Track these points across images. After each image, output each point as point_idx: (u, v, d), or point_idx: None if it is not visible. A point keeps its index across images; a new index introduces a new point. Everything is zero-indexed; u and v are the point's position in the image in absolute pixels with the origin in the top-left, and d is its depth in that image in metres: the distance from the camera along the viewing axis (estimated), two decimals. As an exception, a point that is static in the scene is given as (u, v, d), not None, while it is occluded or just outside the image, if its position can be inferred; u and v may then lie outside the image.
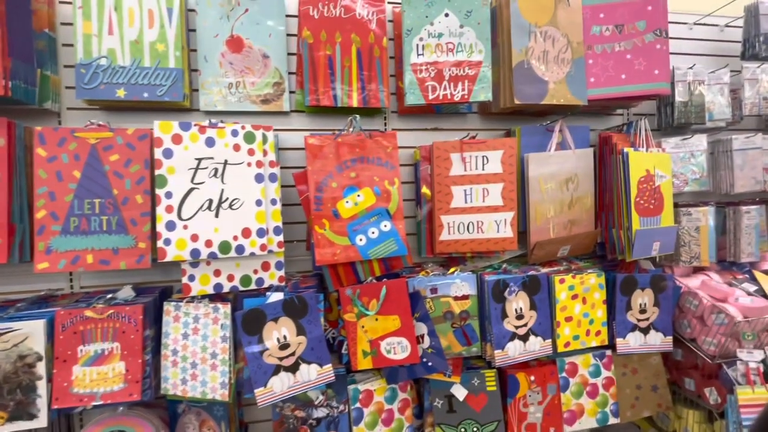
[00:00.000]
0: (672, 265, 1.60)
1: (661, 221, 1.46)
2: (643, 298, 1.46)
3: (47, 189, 1.09)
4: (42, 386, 1.08)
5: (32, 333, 1.08)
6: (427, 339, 1.29)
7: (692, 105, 1.52)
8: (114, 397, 1.11)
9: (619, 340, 1.45)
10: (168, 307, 1.18)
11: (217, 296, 1.22)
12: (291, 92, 1.40)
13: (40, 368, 1.08)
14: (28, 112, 1.21)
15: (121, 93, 1.19)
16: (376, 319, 1.25)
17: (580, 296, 1.42)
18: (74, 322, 1.10)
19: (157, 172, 1.08)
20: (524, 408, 1.41)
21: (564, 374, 1.45)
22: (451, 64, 1.32)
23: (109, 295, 1.19)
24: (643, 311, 1.46)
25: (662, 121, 1.60)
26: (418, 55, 1.32)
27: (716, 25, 1.76)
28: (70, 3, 1.25)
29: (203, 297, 1.19)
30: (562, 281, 1.40)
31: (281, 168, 1.40)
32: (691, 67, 1.52)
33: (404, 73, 1.32)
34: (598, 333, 1.44)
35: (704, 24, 1.74)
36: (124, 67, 1.19)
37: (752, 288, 1.51)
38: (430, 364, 1.29)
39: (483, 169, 1.35)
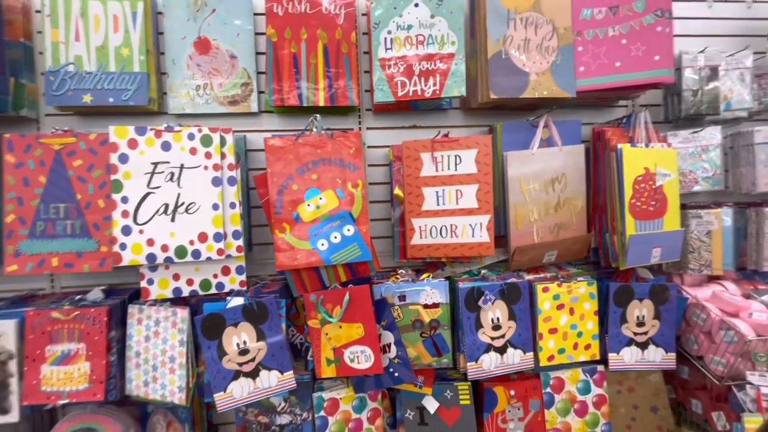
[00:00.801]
0: (681, 273, 1.44)
1: (663, 225, 1.31)
2: (641, 309, 1.32)
3: (15, 194, 1.13)
4: (14, 383, 1.13)
5: (4, 332, 1.13)
6: (393, 348, 1.23)
7: (703, 93, 1.35)
8: (79, 397, 1.14)
9: (611, 355, 1.32)
10: (132, 309, 1.19)
11: (181, 300, 1.23)
12: (260, 92, 1.37)
13: (12, 366, 1.13)
14: (7, 119, 1.25)
15: (87, 98, 1.20)
16: (340, 327, 1.21)
17: (567, 306, 1.30)
18: (42, 323, 1.14)
19: (112, 177, 1.09)
20: (503, 424, 1.32)
21: (549, 390, 1.34)
22: (421, 57, 1.24)
23: (78, 297, 1.22)
24: (640, 324, 1.32)
25: (669, 113, 1.43)
26: (387, 49, 1.25)
27: (743, 1, 1.55)
28: (44, 12, 1.29)
29: (165, 301, 1.19)
30: (545, 290, 1.29)
31: (251, 170, 1.38)
32: (702, 51, 1.35)
33: (373, 69, 1.26)
34: (587, 347, 1.32)
35: (727, 1, 1.54)
36: (90, 73, 1.21)
37: (774, 301, 1.33)
38: (396, 374, 1.23)
39: (456, 170, 1.27)
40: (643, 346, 1.33)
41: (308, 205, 1.20)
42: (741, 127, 1.44)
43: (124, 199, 1.10)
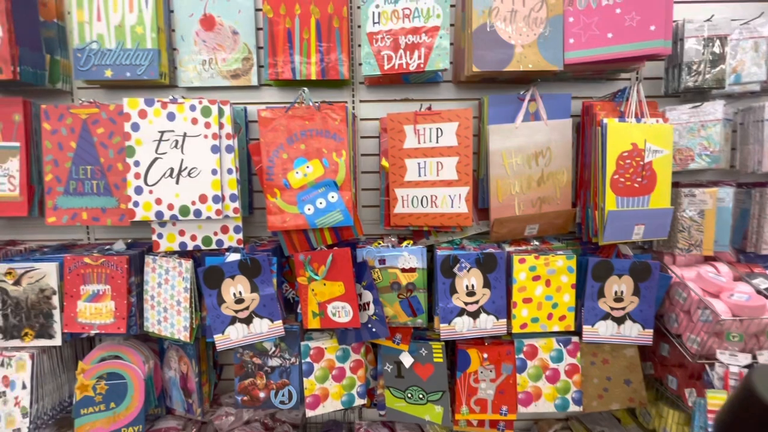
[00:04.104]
0: (672, 252, 1.41)
1: (650, 202, 1.30)
2: (619, 285, 1.33)
3: (52, 157, 1.32)
4: (57, 314, 1.37)
5: (48, 272, 1.36)
6: (372, 306, 1.35)
7: (707, 65, 1.28)
8: (106, 329, 1.36)
9: (586, 328, 1.36)
10: (148, 259, 1.38)
11: (188, 253, 1.40)
12: (260, 67, 1.47)
13: (55, 300, 1.37)
14: (46, 92, 1.45)
15: (108, 73, 1.36)
16: (324, 284, 1.33)
17: (543, 278, 1.34)
18: (77, 266, 1.36)
19: (126, 143, 1.25)
20: (475, 383, 1.41)
21: (522, 356, 1.41)
22: (408, 31, 1.27)
23: (107, 247, 1.43)
24: (618, 299, 1.34)
25: (669, 87, 1.37)
26: (374, 23, 1.29)
27: (775, -39, 1.42)
28: (74, -6, 1.44)
29: (173, 253, 1.37)
30: (522, 261, 1.33)
31: (253, 140, 1.50)
32: (709, 19, 1.27)
33: (362, 43, 1.31)
34: (562, 318, 1.36)
35: (756, -39, 1.41)
36: (110, 50, 1.36)
37: (765, 285, 1.29)
38: (374, 329, 1.35)
39: (437, 142, 1.31)
40: (619, 320, 1.35)
41: (297, 172, 1.30)
42: (753, 101, 1.36)
43: (137, 163, 1.26)
